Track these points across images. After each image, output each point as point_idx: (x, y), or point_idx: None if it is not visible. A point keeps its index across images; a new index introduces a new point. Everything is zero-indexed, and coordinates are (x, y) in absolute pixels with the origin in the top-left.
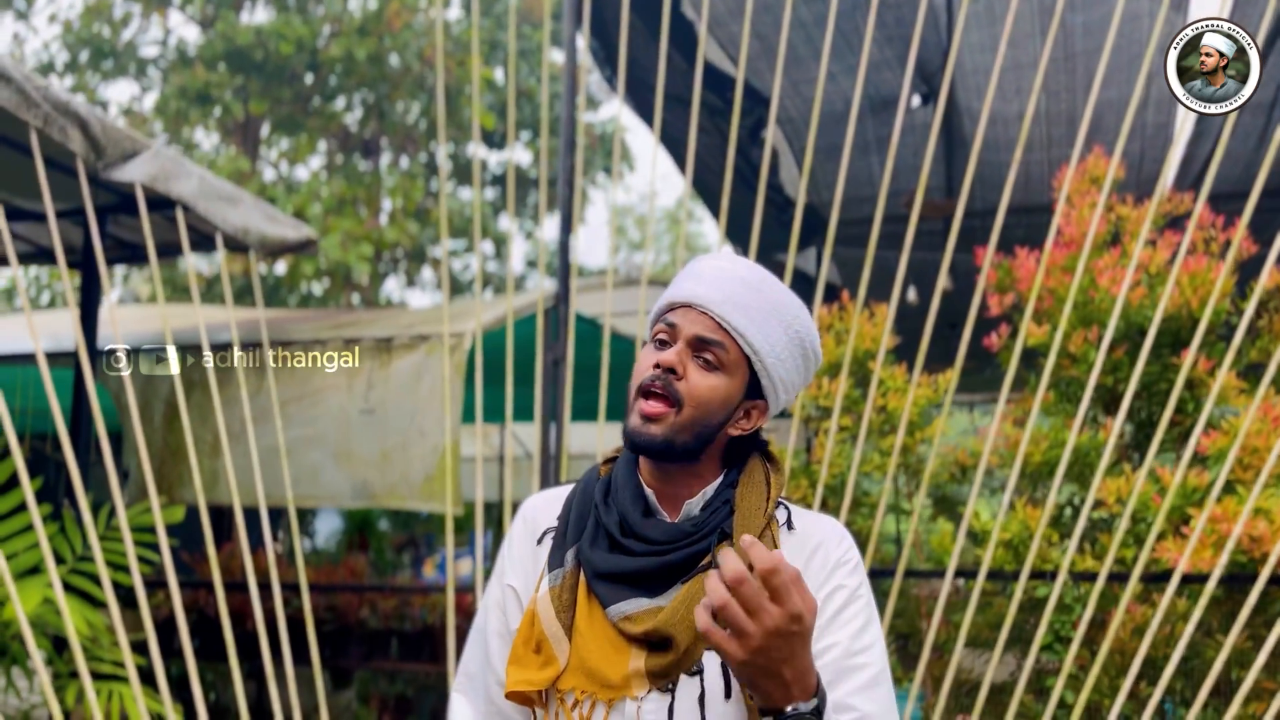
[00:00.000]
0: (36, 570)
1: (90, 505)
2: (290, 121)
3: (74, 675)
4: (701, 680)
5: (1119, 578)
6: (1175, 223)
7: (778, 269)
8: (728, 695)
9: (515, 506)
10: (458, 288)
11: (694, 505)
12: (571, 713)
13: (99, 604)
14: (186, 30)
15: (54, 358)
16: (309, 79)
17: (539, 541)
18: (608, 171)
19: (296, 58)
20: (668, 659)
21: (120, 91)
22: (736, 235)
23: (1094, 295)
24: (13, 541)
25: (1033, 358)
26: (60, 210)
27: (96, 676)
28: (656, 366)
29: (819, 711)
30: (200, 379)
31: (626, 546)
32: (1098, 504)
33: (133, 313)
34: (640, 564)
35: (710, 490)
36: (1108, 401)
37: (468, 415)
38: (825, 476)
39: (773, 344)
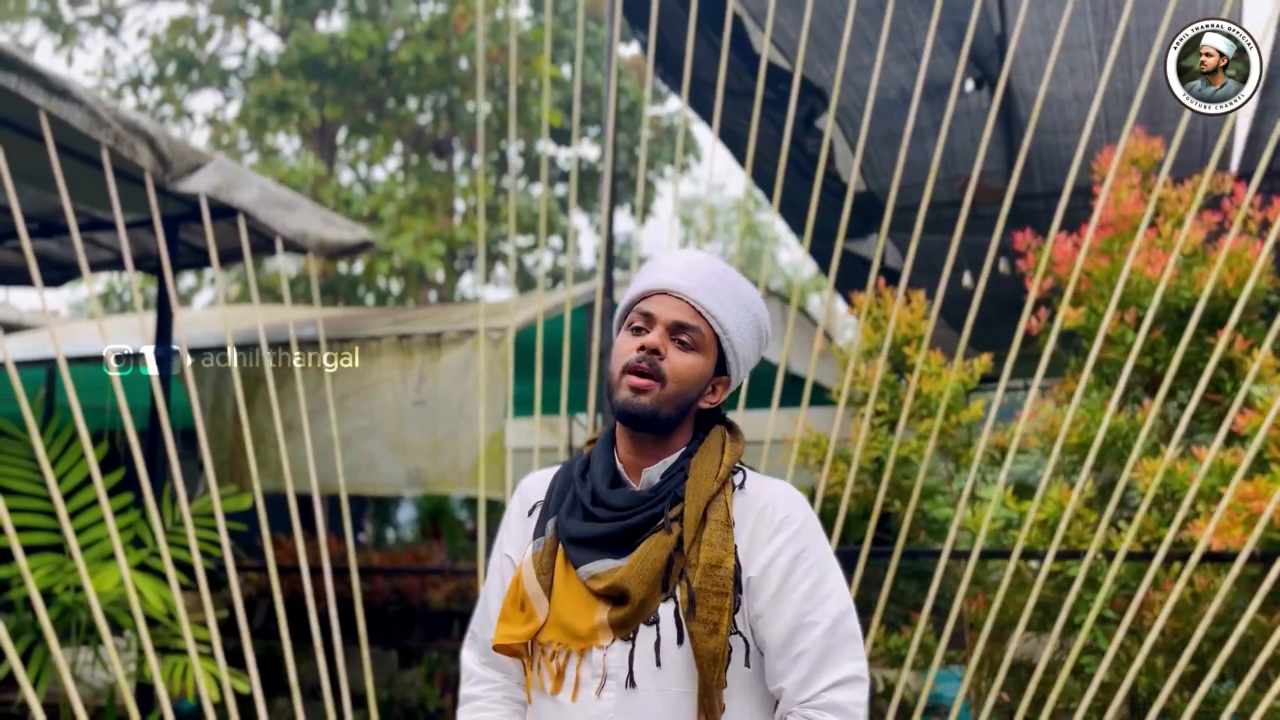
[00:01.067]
0: (113, 556)
1: (170, 494)
2: (364, 125)
3: (162, 650)
4: (658, 629)
5: (1150, 557)
6: (1213, 203)
7: (842, 256)
8: (679, 642)
9: None
10: (530, 282)
11: (654, 473)
12: (550, 663)
13: (184, 586)
14: (266, 40)
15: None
16: (381, 83)
17: (530, 514)
18: (673, 164)
19: (368, 63)
20: (626, 611)
21: (205, 102)
22: (797, 224)
23: (1129, 277)
24: (99, 527)
25: (1068, 340)
26: (136, 220)
27: (172, 651)
28: (641, 349)
29: None
30: (263, 375)
31: (595, 514)
32: (1134, 485)
33: (206, 315)
34: (605, 529)
35: (671, 459)
36: (1149, 383)
37: (526, 407)
38: (861, 459)
39: (737, 325)
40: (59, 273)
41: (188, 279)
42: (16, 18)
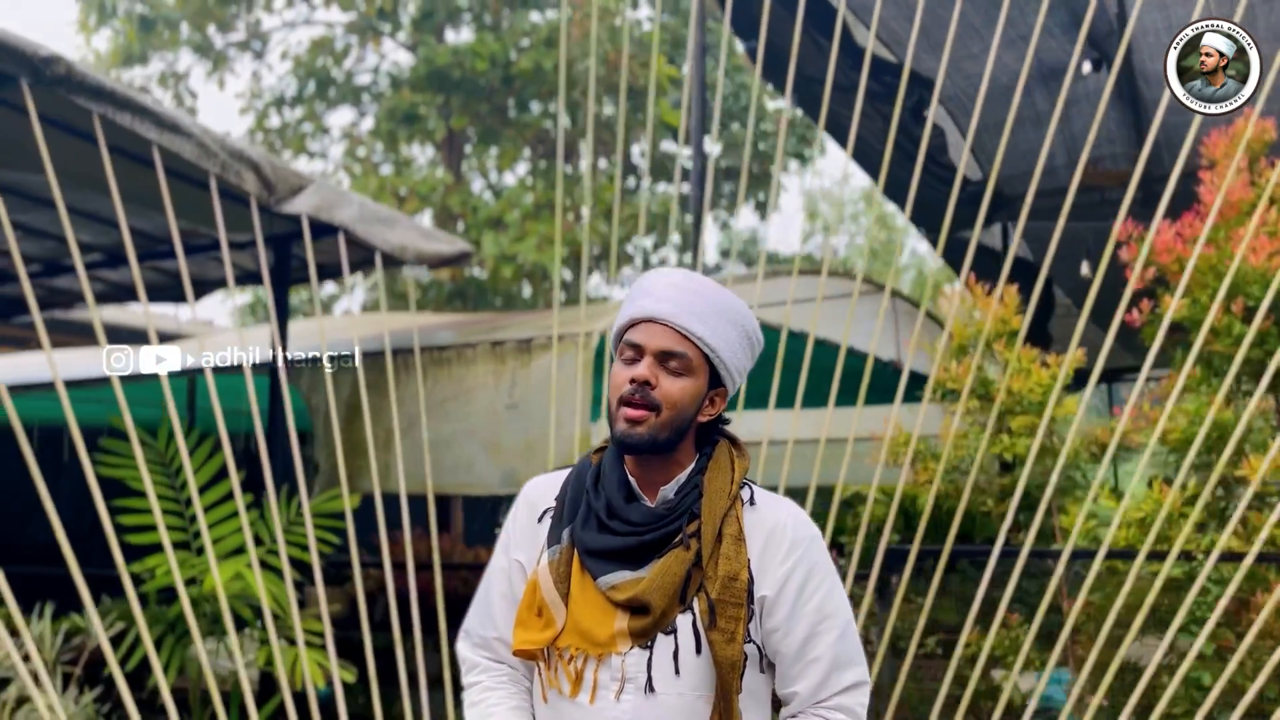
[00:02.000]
0: (240, 550)
1: (285, 495)
2: (490, 133)
3: (271, 640)
4: (675, 639)
5: (1266, 559)
6: None
7: (963, 247)
8: (698, 651)
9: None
10: None
11: (669, 490)
12: (568, 666)
13: (296, 581)
14: (398, 55)
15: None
16: (504, 92)
17: (539, 519)
18: (799, 158)
19: (491, 73)
20: (646, 621)
21: (342, 117)
22: (919, 216)
23: (1229, 265)
24: (222, 525)
25: (1175, 333)
26: (251, 240)
27: (292, 642)
28: (632, 381)
29: None
30: (374, 381)
31: (611, 527)
32: (1242, 481)
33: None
34: (622, 542)
35: (684, 476)
36: (1259, 375)
37: None
38: (950, 457)
39: (725, 341)
40: (195, 288)
41: (328, 287)
42: (171, 47)
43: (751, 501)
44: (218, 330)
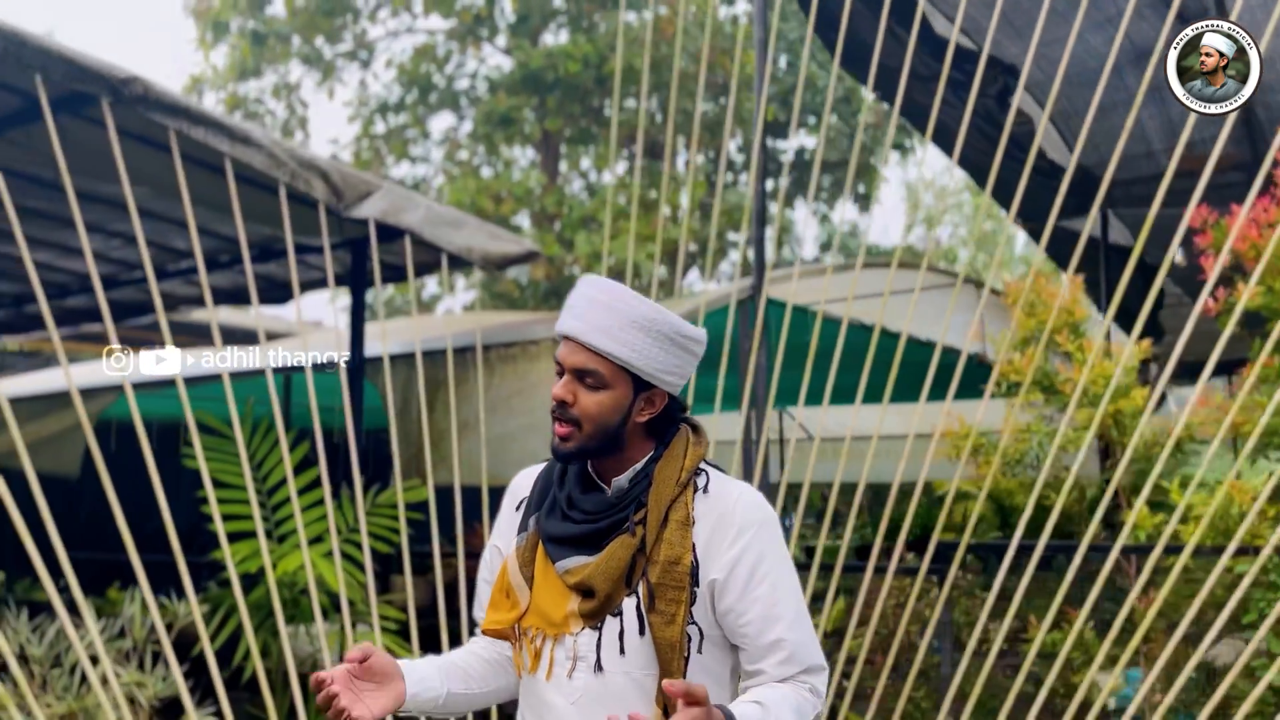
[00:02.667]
0: (320, 539)
1: (363, 486)
2: (584, 133)
3: (345, 625)
4: (621, 620)
5: None
6: None
7: (1065, 236)
8: (641, 632)
9: (783, 488)
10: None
11: (622, 480)
12: (530, 645)
13: (376, 571)
14: (497, 59)
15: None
16: (597, 93)
17: (517, 508)
18: (898, 149)
19: (584, 74)
20: (594, 603)
21: (443, 122)
22: (1009, 203)
23: None
24: (302, 515)
25: (1254, 323)
26: (333, 244)
27: (365, 626)
28: (555, 401)
29: None
30: (444, 378)
31: (571, 516)
32: None
33: (399, 324)
34: (578, 529)
35: (637, 467)
36: None
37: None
38: (1008, 450)
39: (638, 349)
40: (281, 291)
41: (430, 286)
42: (283, 60)
43: (705, 489)
44: (323, 329)
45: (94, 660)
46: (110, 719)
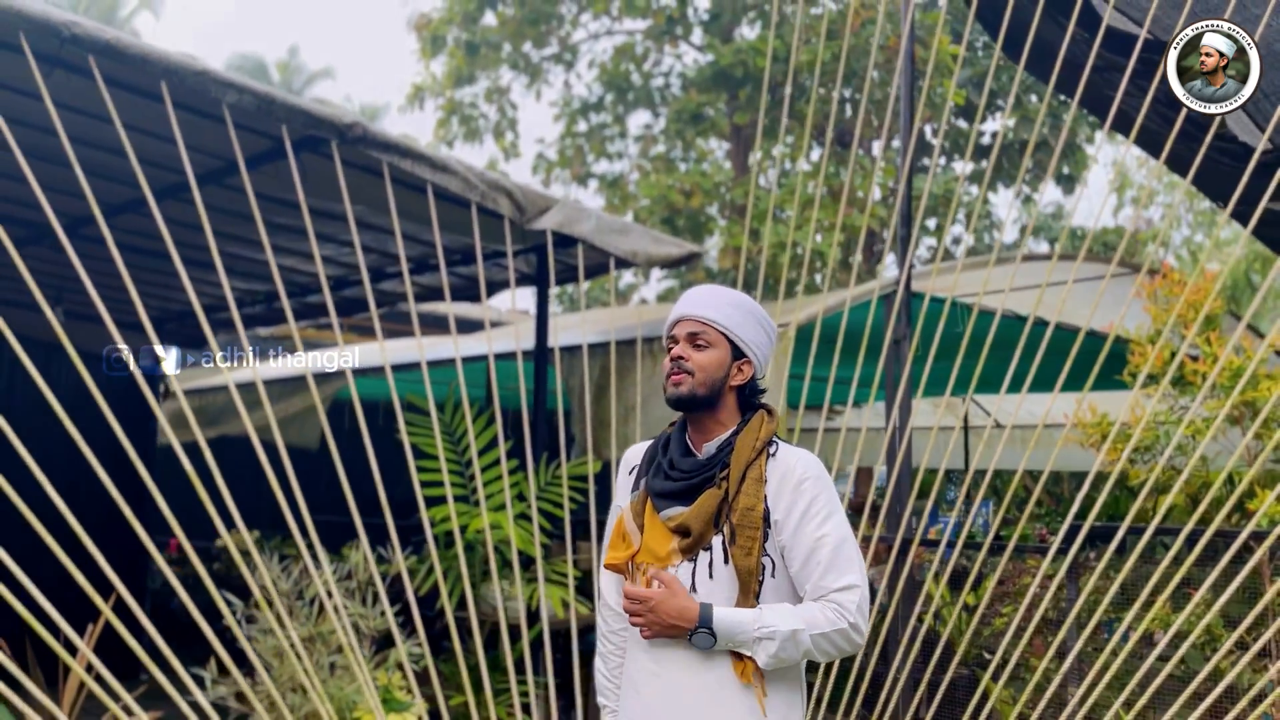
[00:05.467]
0: (503, 507)
1: (545, 461)
2: (774, 125)
3: (516, 578)
4: (710, 554)
5: None
6: None
7: (1268, 217)
8: (725, 562)
9: (979, 474)
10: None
11: (711, 447)
12: (643, 575)
13: (555, 534)
14: (693, 56)
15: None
16: (786, 86)
17: (630, 473)
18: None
19: (774, 68)
20: (689, 541)
21: (640, 119)
22: (1210, 191)
23: None
24: (493, 484)
25: None
26: (518, 249)
27: (551, 582)
28: (672, 359)
29: (705, 624)
30: (619, 365)
31: (671, 476)
32: None
33: (571, 319)
34: (676, 485)
35: (723, 437)
36: None
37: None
38: (1138, 439)
39: (736, 321)
40: (489, 289)
41: (627, 277)
42: (494, 66)
43: (774, 454)
44: (518, 322)
45: (328, 595)
46: (341, 640)
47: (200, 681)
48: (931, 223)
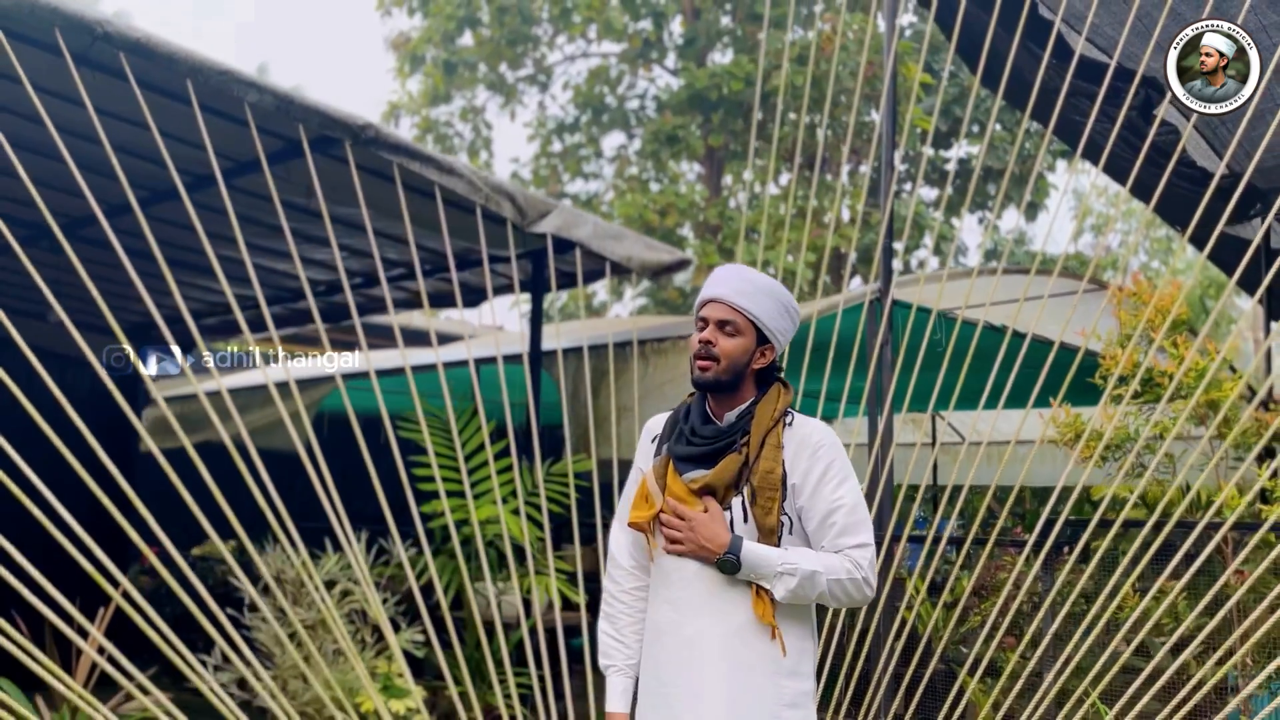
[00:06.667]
0: (505, 500)
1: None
2: (747, 149)
3: (536, 573)
4: (731, 513)
5: None
6: None
7: (1225, 241)
8: (745, 520)
9: (949, 491)
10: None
11: (731, 416)
12: (694, 504)
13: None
14: (666, 79)
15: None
16: (760, 109)
17: (652, 442)
18: (1063, 156)
19: (747, 92)
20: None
21: (614, 140)
22: (1168, 214)
23: None
24: (486, 482)
25: None
26: (516, 255)
27: (539, 574)
28: (701, 342)
29: (734, 551)
30: (608, 368)
31: (693, 441)
32: None
33: (571, 326)
34: (698, 450)
35: (743, 407)
36: None
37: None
38: (1110, 438)
39: (765, 310)
40: (476, 295)
41: (600, 294)
42: (470, 85)
43: (791, 423)
44: (504, 332)
45: (330, 585)
46: (338, 632)
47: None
48: (899, 245)
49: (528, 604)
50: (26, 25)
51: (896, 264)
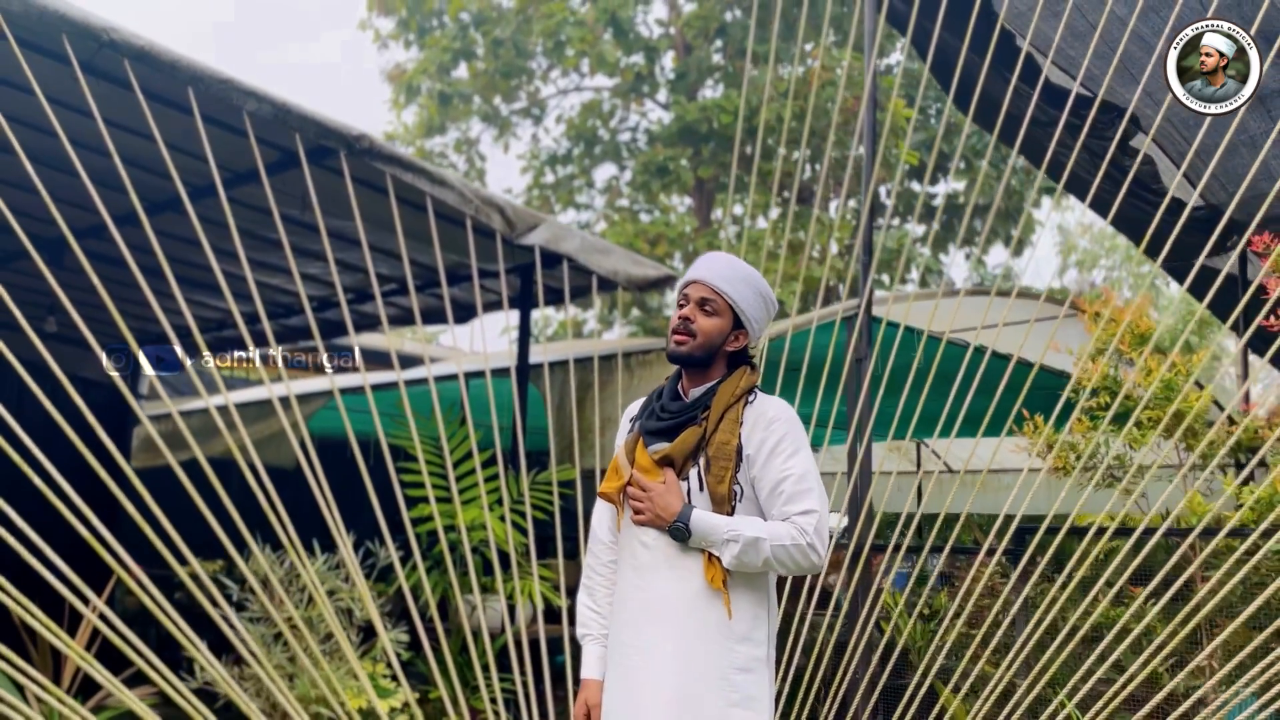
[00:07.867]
0: (491, 508)
1: (526, 468)
2: (737, 181)
3: (497, 574)
4: (688, 482)
5: None
6: None
7: (1203, 273)
8: (701, 489)
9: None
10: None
11: (697, 393)
12: (629, 502)
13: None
14: (658, 113)
15: (503, 372)
16: (749, 143)
17: (630, 420)
18: (1048, 192)
19: (735, 125)
20: (672, 471)
21: (606, 172)
22: (1151, 248)
23: None
24: (473, 490)
25: None
26: (505, 269)
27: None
28: (681, 318)
29: (683, 520)
30: (592, 381)
31: (660, 416)
32: None
33: (559, 345)
34: (663, 424)
35: (710, 384)
36: None
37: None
38: (1085, 451)
39: (744, 296)
40: (466, 312)
41: (590, 323)
42: (464, 117)
43: (751, 402)
44: (492, 348)
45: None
46: (332, 623)
47: (190, 667)
48: (885, 277)
49: (512, 610)
50: (35, 32)
51: (881, 294)
